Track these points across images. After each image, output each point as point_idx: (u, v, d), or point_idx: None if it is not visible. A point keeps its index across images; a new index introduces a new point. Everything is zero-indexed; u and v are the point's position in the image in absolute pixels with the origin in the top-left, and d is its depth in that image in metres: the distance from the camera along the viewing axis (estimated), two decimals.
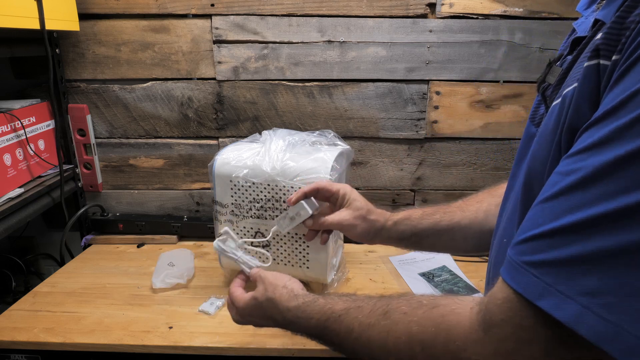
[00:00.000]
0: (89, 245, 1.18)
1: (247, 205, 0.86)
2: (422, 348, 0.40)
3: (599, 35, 0.35)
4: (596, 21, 0.38)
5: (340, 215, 0.71)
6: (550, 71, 0.46)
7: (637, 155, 0.28)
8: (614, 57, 0.33)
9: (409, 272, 1.04)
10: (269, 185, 0.84)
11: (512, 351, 0.34)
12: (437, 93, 1.13)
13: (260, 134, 0.95)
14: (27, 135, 1.00)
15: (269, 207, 0.85)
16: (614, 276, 0.29)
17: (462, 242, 0.68)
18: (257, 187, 0.85)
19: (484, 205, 0.68)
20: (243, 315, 0.65)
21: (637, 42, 0.31)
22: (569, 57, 0.42)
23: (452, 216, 0.69)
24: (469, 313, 0.38)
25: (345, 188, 0.73)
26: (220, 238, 0.73)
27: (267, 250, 0.89)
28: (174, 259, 1.03)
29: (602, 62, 0.34)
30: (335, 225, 0.71)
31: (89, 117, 1.15)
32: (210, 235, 1.18)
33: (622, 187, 0.29)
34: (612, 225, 0.29)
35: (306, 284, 0.94)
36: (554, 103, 0.40)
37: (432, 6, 1.07)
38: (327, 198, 0.74)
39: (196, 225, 1.19)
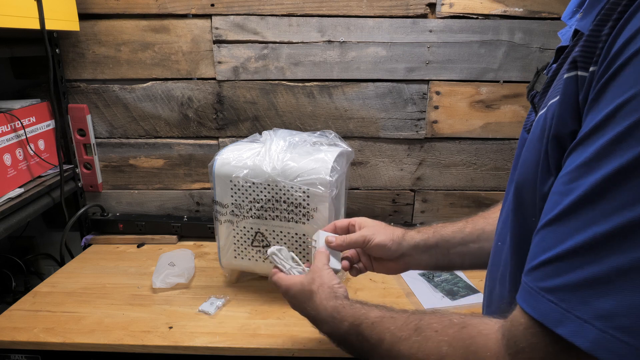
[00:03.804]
0: (89, 245, 1.18)
1: (247, 206, 0.87)
2: None
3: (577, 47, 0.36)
4: (576, 31, 0.39)
5: (362, 231, 0.69)
6: (538, 79, 0.47)
7: (631, 168, 0.28)
8: (591, 69, 0.33)
9: (409, 272, 1.04)
10: (269, 185, 0.84)
11: None
12: (437, 93, 1.13)
13: (260, 134, 0.95)
14: (27, 135, 1.00)
15: (269, 208, 0.85)
16: (627, 296, 0.29)
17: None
18: (257, 187, 0.85)
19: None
20: (286, 294, 0.66)
21: (610, 55, 0.31)
22: (554, 65, 0.43)
23: (475, 224, 0.67)
24: (495, 336, 0.38)
25: (357, 219, 0.72)
26: (275, 250, 0.72)
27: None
28: (174, 259, 1.03)
29: (579, 73, 0.34)
30: (358, 239, 0.68)
31: (89, 117, 1.15)
32: (210, 235, 1.18)
33: (623, 202, 0.29)
34: (619, 242, 0.29)
35: None
36: (540, 112, 0.41)
37: (432, 6, 1.07)
38: (346, 230, 0.73)
39: (196, 225, 1.19)
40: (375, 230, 0.68)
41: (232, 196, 0.87)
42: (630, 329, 0.29)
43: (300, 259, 0.75)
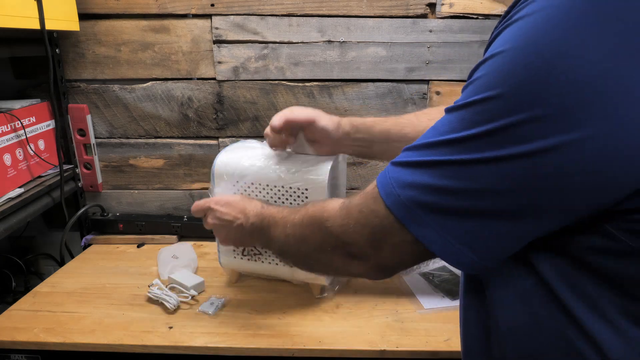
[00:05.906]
0: (89, 245, 1.18)
1: None
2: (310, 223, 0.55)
3: None
4: None
5: (307, 113, 0.80)
6: None
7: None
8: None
9: (409, 272, 1.04)
10: (268, 185, 0.84)
11: (358, 222, 0.46)
12: (437, 93, 1.13)
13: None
14: (27, 135, 1.00)
15: None
16: (420, 177, 0.40)
17: None
18: (256, 188, 0.85)
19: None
20: (217, 203, 0.75)
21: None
22: None
23: (402, 127, 0.77)
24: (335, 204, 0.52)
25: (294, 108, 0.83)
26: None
27: (265, 252, 0.89)
28: (176, 252, 1.04)
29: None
30: (304, 120, 0.79)
31: (89, 117, 1.15)
32: (210, 235, 1.17)
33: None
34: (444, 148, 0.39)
35: (305, 285, 0.94)
36: None
37: (432, 6, 1.07)
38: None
39: (196, 225, 1.19)
40: (318, 114, 0.79)
41: None
42: (408, 186, 0.40)
43: None
